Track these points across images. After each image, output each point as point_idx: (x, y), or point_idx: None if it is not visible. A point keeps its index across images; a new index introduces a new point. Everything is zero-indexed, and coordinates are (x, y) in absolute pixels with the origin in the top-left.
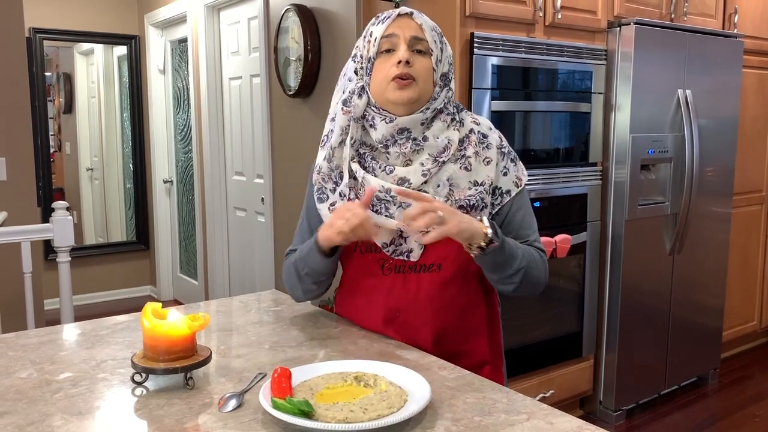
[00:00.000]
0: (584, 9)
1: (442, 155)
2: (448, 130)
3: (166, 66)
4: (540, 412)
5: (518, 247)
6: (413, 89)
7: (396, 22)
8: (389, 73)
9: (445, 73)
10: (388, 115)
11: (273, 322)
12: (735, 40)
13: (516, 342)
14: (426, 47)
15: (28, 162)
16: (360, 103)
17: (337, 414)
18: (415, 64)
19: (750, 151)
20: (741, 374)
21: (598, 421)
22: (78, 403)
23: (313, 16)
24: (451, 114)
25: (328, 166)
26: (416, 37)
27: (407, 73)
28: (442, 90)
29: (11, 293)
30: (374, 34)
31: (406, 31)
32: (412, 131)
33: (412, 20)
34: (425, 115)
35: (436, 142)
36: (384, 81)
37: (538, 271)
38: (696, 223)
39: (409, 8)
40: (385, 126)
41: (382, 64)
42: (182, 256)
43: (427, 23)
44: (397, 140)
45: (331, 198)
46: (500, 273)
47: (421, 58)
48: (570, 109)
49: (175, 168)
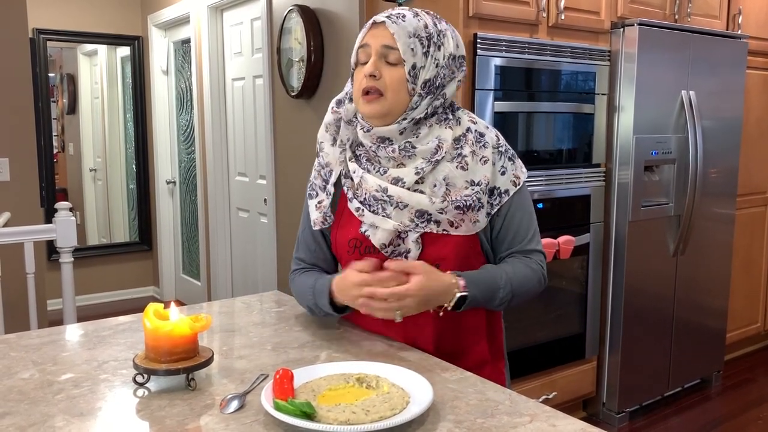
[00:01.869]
0: (587, 10)
1: (435, 155)
2: (439, 129)
3: (169, 67)
4: (543, 414)
5: (498, 278)
6: (379, 103)
7: (371, 32)
8: (359, 85)
9: (429, 81)
10: (365, 124)
11: (275, 323)
12: (739, 41)
13: (518, 343)
14: (397, 57)
15: (32, 162)
16: (350, 108)
17: (339, 415)
18: (384, 75)
19: (754, 153)
20: (745, 376)
21: (601, 423)
22: (80, 404)
23: (316, 17)
24: (439, 115)
25: (318, 162)
26: (387, 46)
27: (373, 86)
28: (424, 98)
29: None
30: (356, 41)
31: (378, 40)
32: (393, 140)
33: (386, 29)
34: (401, 126)
35: (426, 146)
36: (357, 93)
37: (529, 284)
38: (699, 224)
39: (388, 14)
40: (363, 134)
41: (357, 74)
42: (185, 257)
43: (404, 30)
44: (381, 146)
45: (319, 196)
46: (488, 305)
47: (391, 69)
48: (573, 110)
49: (178, 169)
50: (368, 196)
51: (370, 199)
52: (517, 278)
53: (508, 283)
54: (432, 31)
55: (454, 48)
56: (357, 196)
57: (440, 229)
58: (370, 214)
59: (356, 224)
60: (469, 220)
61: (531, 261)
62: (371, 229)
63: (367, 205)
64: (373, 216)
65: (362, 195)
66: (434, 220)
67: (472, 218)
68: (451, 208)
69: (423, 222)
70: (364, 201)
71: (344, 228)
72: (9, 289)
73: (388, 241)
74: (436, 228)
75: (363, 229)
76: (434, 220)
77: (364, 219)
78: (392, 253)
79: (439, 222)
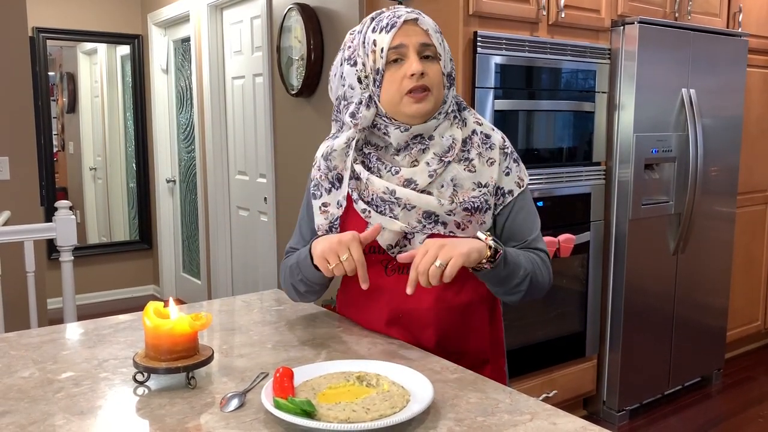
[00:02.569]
0: (588, 8)
1: (447, 155)
2: (452, 128)
3: (169, 65)
4: (543, 412)
5: (520, 255)
6: (430, 100)
7: (402, 30)
8: (403, 86)
9: (449, 73)
10: (402, 124)
11: (275, 321)
12: (739, 39)
13: (519, 342)
14: (434, 52)
15: (31, 161)
16: (368, 114)
17: (340, 414)
18: (429, 72)
19: (754, 151)
20: (745, 375)
21: (601, 421)
22: (80, 402)
23: (316, 16)
24: (453, 111)
25: (326, 164)
26: (424, 44)
27: (423, 85)
28: (449, 91)
29: (14, 292)
30: (379, 43)
31: (413, 38)
32: (424, 135)
33: (418, 26)
34: (439, 121)
35: (442, 140)
36: (397, 94)
37: (542, 275)
38: (700, 222)
39: (413, 12)
40: (399, 134)
41: (392, 75)
42: (185, 256)
43: (431, 25)
44: (410, 144)
45: (324, 198)
46: (507, 284)
47: (432, 64)
48: (573, 109)
49: (178, 167)
50: (375, 197)
51: (377, 200)
52: (536, 263)
53: (528, 263)
54: (438, 27)
55: None
56: (363, 197)
57: (447, 230)
58: (377, 215)
59: (362, 224)
60: (476, 222)
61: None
62: None
63: (374, 206)
64: (381, 217)
65: (369, 196)
66: (441, 222)
67: (479, 220)
68: (460, 209)
69: (430, 223)
70: (370, 202)
71: (350, 227)
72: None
73: (394, 242)
74: (443, 229)
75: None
76: (441, 222)
77: (370, 220)
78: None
79: (446, 224)
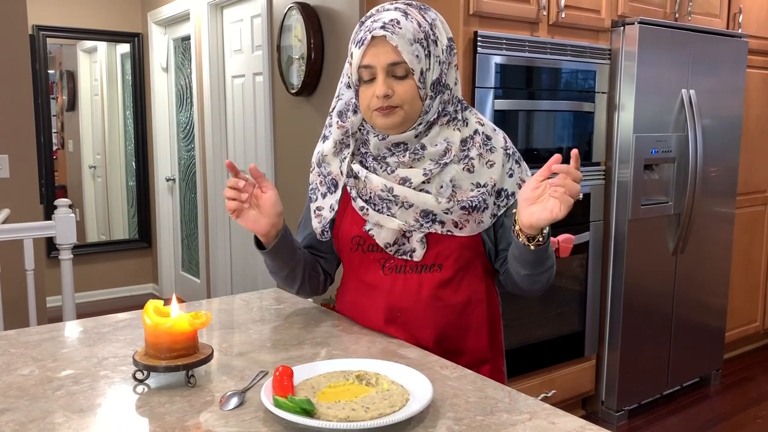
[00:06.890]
0: (588, 8)
1: (444, 158)
2: (447, 131)
3: (169, 64)
4: (542, 411)
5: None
6: (399, 114)
7: (370, 50)
8: (371, 104)
9: (436, 80)
10: (380, 132)
11: (275, 320)
12: (739, 40)
13: (518, 341)
14: (406, 69)
15: (31, 159)
16: (355, 120)
17: (339, 412)
18: (397, 90)
19: (754, 151)
20: (744, 375)
21: (600, 421)
22: (79, 400)
23: (316, 14)
24: (449, 115)
25: (319, 171)
26: (393, 63)
27: (388, 105)
28: (434, 99)
29: (14, 290)
30: (354, 58)
31: (382, 58)
32: (407, 144)
33: (387, 43)
34: (417, 131)
35: (435, 148)
36: (368, 110)
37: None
38: (699, 223)
39: (383, 27)
40: (377, 142)
41: (364, 91)
42: (184, 254)
43: (404, 39)
44: (394, 152)
45: (319, 202)
46: (540, 267)
47: (401, 83)
48: (573, 109)
49: (178, 166)
50: (373, 195)
51: (375, 198)
52: None
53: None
54: (426, 28)
55: (445, 36)
56: (361, 195)
57: (445, 229)
58: (375, 213)
59: (360, 222)
60: (473, 221)
61: None
62: (376, 228)
63: (372, 204)
64: (378, 215)
65: (367, 194)
66: (439, 221)
67: (477, 219)
68: (457, 208)
69: (428, 222)
70: (368, 200)
71: (347, 225)
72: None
73: (392, 240)
74: (441, 228)
75: (367, 227)
76: (439, 221)
77: (368, 218)
78: (396, 252)
79: (443, 222)
